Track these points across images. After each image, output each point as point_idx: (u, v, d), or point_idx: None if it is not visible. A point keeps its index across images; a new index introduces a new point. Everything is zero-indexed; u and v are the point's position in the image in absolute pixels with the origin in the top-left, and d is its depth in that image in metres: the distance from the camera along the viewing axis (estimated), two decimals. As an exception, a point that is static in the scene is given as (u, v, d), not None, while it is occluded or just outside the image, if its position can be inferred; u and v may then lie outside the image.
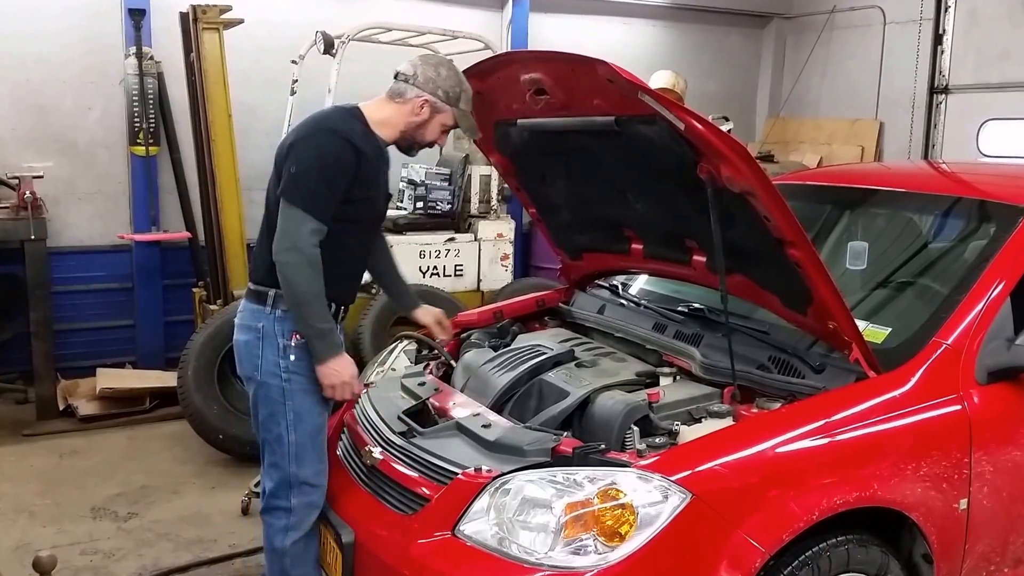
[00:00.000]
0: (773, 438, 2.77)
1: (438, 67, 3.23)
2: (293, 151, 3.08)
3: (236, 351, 3.27)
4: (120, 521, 4.76)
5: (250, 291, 3.26)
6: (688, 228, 3.40)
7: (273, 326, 3.16)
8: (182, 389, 5.42)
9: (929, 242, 3.81)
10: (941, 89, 8.90)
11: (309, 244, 3.01)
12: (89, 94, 7.00)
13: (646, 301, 3.94)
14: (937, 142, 8.94)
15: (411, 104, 3.20)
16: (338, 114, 3.20)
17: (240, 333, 3.25)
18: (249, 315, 3.23)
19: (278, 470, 3.20)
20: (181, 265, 7.25)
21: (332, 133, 3.07)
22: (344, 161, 3.06)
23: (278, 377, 3.16)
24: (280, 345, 3.15)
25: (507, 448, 2.93)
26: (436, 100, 3.20)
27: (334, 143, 3.05)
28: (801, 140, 9.84)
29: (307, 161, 3.03)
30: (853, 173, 5.00)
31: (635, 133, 3.07)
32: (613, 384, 3.28)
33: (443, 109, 3.22)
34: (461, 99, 3.24)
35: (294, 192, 3.02)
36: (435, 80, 3.20)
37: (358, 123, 3.16)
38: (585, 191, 3.73)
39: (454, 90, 3.22)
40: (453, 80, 3.22)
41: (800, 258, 2.87)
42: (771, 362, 3.23)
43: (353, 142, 3.07)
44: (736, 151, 2.73)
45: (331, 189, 3.05)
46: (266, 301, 3.17)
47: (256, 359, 3.18)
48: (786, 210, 2.78)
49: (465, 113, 3.26)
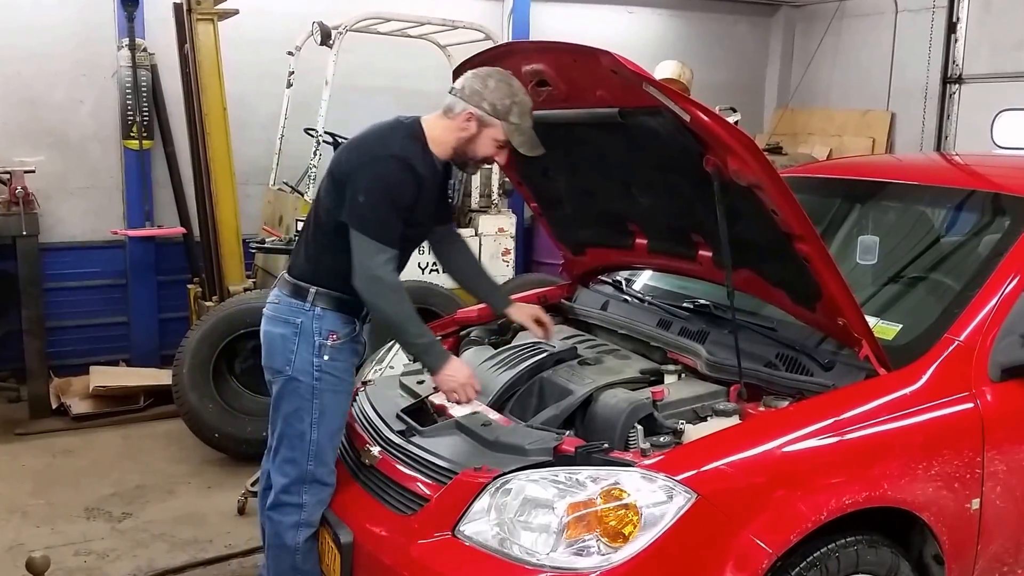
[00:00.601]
0: (781, 437, 2.69)
1: (486, 79, 3.11)
2: (357, 177, 3.05)
3: (267, 343, 3.22)
4: (114, 521, 4.69)
5: (288, 284, 3.22)
6: (694, 222, 3.33)
7: (312, 323, 3.14)
8: (177, 387, 5.34)
9: (942, 236, 3.74)
10: (954, 79, 8.72)
11: (387, 272, 3.04)
12: (81, 87, 6.91)
13: (650, 297, 3.87)
14: (950, 133, 8.76)
15: (458, 119, 3.12)
16: (399, 134, 3.13)
17: (274, 325, 3.20)
18: (286, 309, 3.19)
19: (295, 466, 3.15)
20: (176, 261, 7.17)
21: (395, 160, 3.03)
22: (407, 188, 3.05)
23: (310, 375, 3.13)
24: (316, 344, 3.13)
25: (508, 447, 2.87)
26: (482, 113, 3.09)
27: (397, 171, 3.03)
28: (810, 132, 9.68)
29: (373, 191, 3.01)
30: (863, 166, 4.91)
31: (639, 125, 3.00)
32: (616, 382, 3.22)
33: (491, 123, 3.11)
34: (512, 112, 3.09)
35: (364, 223, 3.02)
36: (481, 92, 3.09)
37: (417, 143, 3.11)
38: (588, 185, 3.66)
39: (503, 102, 3.08)
40: (502, 92, 3.09)
41: (809, 253, 2.80)
42: (779, 359, 3.16)
43: (415, 169, 3.05)
44: (743, 143, 2.66)
45: (398, 214, 3.06)
46: (306, 297, 3.15)
47: (290, 354, 3.14)
48: (794, 203, 2.71)
49: (517, 127, 3.11)
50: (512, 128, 3.12)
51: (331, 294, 3.16)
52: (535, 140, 3.18)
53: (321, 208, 3.19)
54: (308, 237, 3.25)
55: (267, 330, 3.24)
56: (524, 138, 3.15)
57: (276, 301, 3.25)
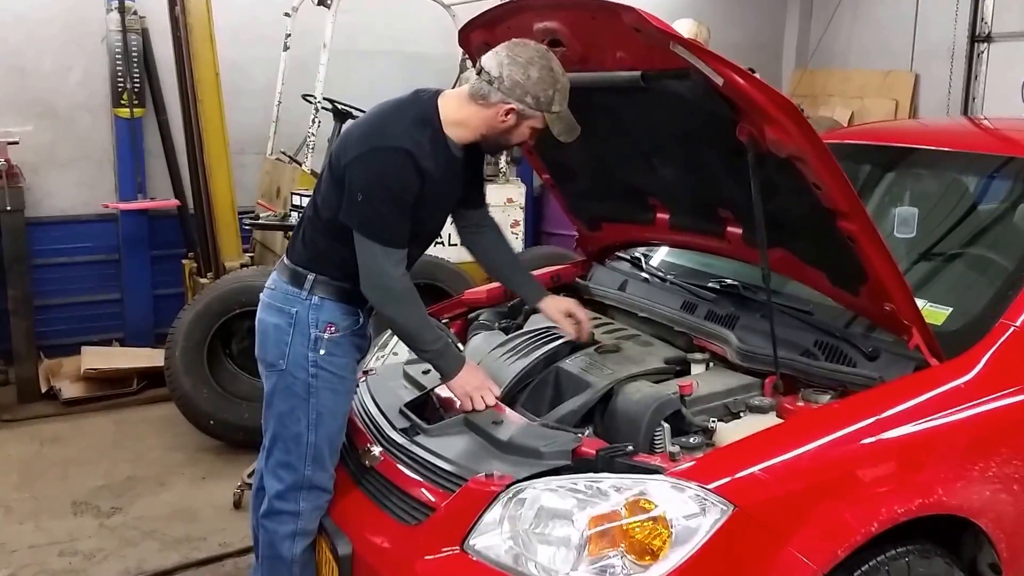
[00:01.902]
0: (826, 439, 2.42)
1: (528, 67, 2.71)
2: (355, 169, 2.73)
3: (260, 333, 2.95)
4: (103, 517, 4.43)
5: (286, 269, 2.94)
6: (722, 196, 3.04)
7: (308, 314, 2.86)
8: (169, 371, 5.07)
9: (983, 208, 3.44)
10: (983, 37, 8.30)
11: (396, 276, 2.78)
12: (69, 53, 6.54)
13: (672, 276, 3.58)
14: (978, 95, 8.37)
15: (495, 110, 2.77)
16: (406, 117, 2.78)
17: (269, 314, 2.92)
18: (282, 296, 2.90)
19: (291, 471, 2.88)
20: (170, 235, 6.85)
21: (393, 153, 2.70)
22: (410, 185, 2.73)
23: (305, 370, 2.85)
24: (312, 336, 2.85)
25: (521, 449, 2.60)
26: (524, 107, 2.74)
27: (397, 165, 2.71)
28: (830, 93, 9.29)
29: (372, 190, 2.71)
30: (895, 131, 4.60)
31: (664, 90, 2.71)
32: (639, 373, 2.94)
33: (532, 115, 2.78)
34: (555, 101, 2.76)
35: (366, 225, 2.74)
36: (523, 85, 2.71)
37: (426, 129, 2.77)
38: (605, 155, 3.36)
39: (546, 94, 2.73)
40: (546, 81, 2.72)
41: (854, 232, 2.51)
42: (817, 347, 2.88)
43: (418, 162, 2.72)
44: (785, 110, 2.36)
45: (403, 212, 2.76)
46: (304, 284, 2.87)
47: (284, 347, 2.86)
48: (841, 178, 2.42)
49: (558, 115, 2.79)
50: (553, 117, 2.79)
51: (331, 282, 2.87)
52: (574, 123, 2.85)
53: (319, 196, 2.89)
54: (307, 222, 2.96)
55: (261, 318, 2.96)
56: (564, 125, 2.83)
57: (273, 287, 2.97)
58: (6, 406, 5.86)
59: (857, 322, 2.89)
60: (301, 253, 2.92)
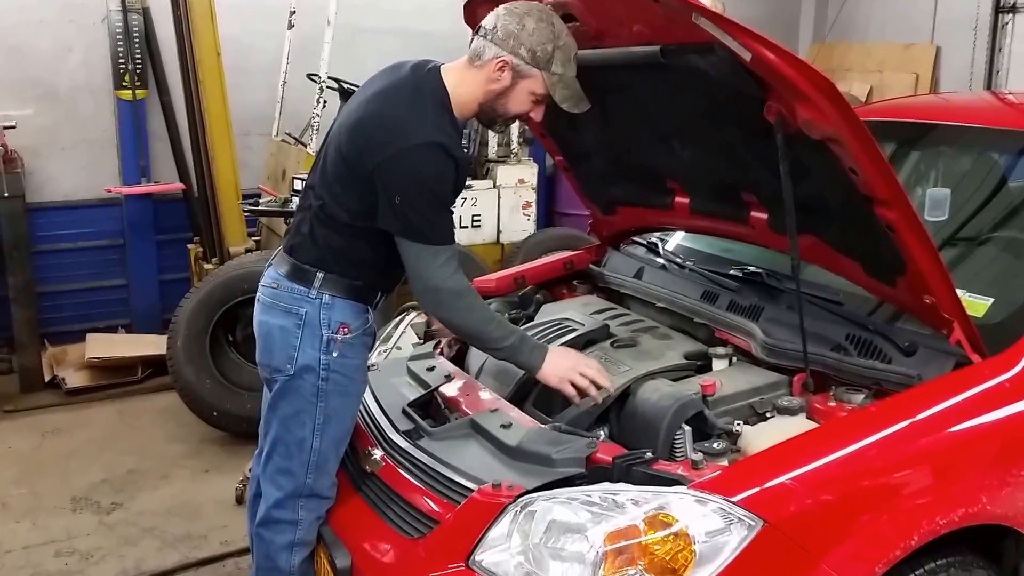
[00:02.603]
0: (862, 444, 2.22)
1: (524, 17, 2.52)
2: (385, 175, 2.50)
3: (263, 336, 2.71)
4: (102, 513, 4.29)
5: (290, 265, 2.69)
6: (745, 179, 2.84)
7: (318, 314, 2.64)
8: (171, 361, 4.91)
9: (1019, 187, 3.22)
10: (1008, 8, 7.97)
11: (447, 276, 2.56)
12: (69, 34, 6.36)
13: (691, 262, 3.38)
14: (1002, 68, 8.06)
15: (489, 67, 2.55)
16: (424, 106, 2.54)
17: (273, 315, 2.68)
18: (288, 296, 2.66)
19: (291, 478, 2.69)
20: (176, 219, 6.67)
21: (428, 150, 2.49)
22: (448, 179, 2.55)
23: (315, 373, 2.64)
24: (324, 338, 2.63)
25: (531, 456, 2.41)
26: (519, 62, 2.53)
27: (434, 163, 2.50)
28: (848, 67, 8.98)
29: (409, 191, 2.49)
30: (919, 107, 4.36)
31: (685, 66, 2.50)
32: (657, 370, 2.75)
33: (529, 73, 2.54)
34: (555, 60, 2.53)
35: (410, 230, 2.53)
36: (517, 35, 2.51)
37: (446, 113, 2.57)
38: (621, 136, 3.15)
39: (543, 48, 2.52)
40: (544, 34, 2.52)
41: (894, 220, 2.30)
42: (849, 341, 2.67)
43: (452, 153, 2.52)
44: (820, 88, 2.14)
45: (446, 207, 2.59)
46: (312, 282, 2.64)
47: (292, 350, 2.63)
48: (881, 162, 2.21)
49: (560, 77, 2.56)
50: (555, 80, 2.56)
51: (342, 280, 2.65)
52: (580, 93, 2.62)
53: (327, 193, 2.65)
54: (313, 218, 2.69)
55: (263, 320, 2.72)
56: (568, 91, 2.59)
57: (274, 285, 2.72)
58: (8, 396, 5.72)
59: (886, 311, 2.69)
60: (310, 251, 2.68)
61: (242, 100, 6.46)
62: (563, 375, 2.61)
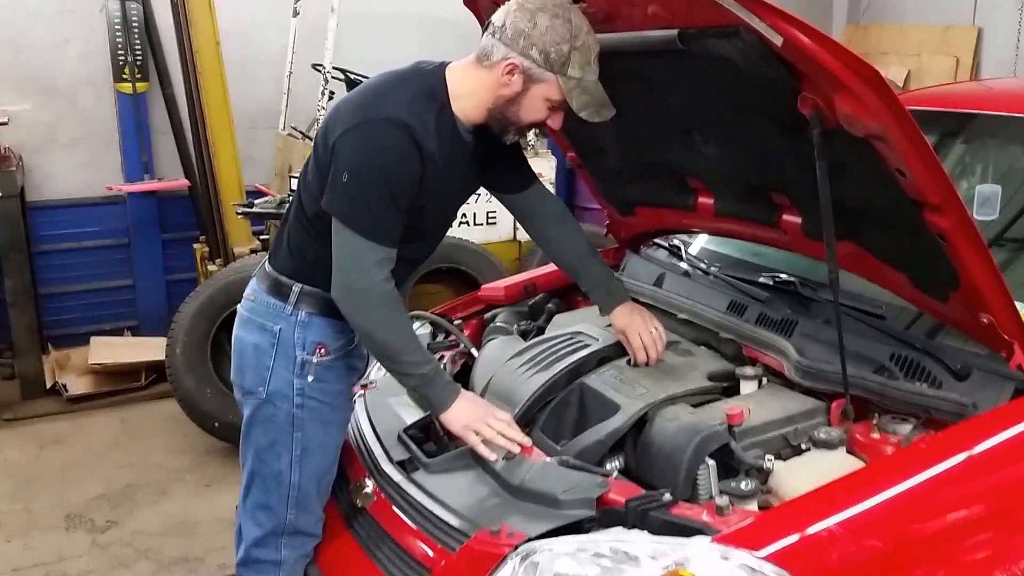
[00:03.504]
0: (914, 488, 1.93)
1: (536, 14, 2.22)
2: (343, 146, 2.22)
3: (238, 353, 2.48)
4: (96, 532, 4.09)
5: (267, 277, 2.46)
6: (777, 179, 2.55)
7: (293, 332, 2.39)
8: (171, 370, 4.69)
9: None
10: (1058, -14, 7.63)
11: (378, 280, 2.25)
12: (67, 25, 6.14)
13: (717, 267, 3.09)
14: (1048, 52, 7.72)
15: (498, 69, 2.27)
16: (408, 90, 2.28)
17: (248, 331, 2.45)
18: (264, 310, 2.43)
19: (269, 515, 2.46)
20: (182, 217, 6.47)
21: (391, 126, 2.20)
22: (407, 166, 2.23)
23: (288, 399, 2.39)
24: (298, 359, 2.39)
25: (536, 495, 2.15)
26: (530, 64, 2.24)
27: (392, 141, 2.20)
28: (884, 51, 8.56)
29: (361, 169, 2.20)
30: (964, 94, 4.04)
31: (707, 52, 2.20)
32: (679, 395, 2.46)
33: (543, 78, 2.26)
34: (572, 62, 2.24)
35: (348, 212, 2.23)
36: (528, 34, 2.22)
37: (432, 104, 2.28)
38: (639, 130, 2.85)
39: (558, 49, 2.22)
40: (559, 33, 2.22)
41: (947, 228, 2.00)
42: (894, 362, 2.38)
43: (417, 140, 2.22)
44: (864, 77, 1.84)
45: (397, 202, 2.25)
46: (288, 297, 2.39)
47: (264, 371, 2.39)
48: (933, 163, 1.91)
49: (579, 83, 2.27)
50: (572, 85, 2.27)
51: (320, 294, 2.38)
52: (603, 99, 2.33)
53: (304, 188, 2.41)
54: (291, 221, 2.47)
55: (239, 336, 2.49)
56: (588, 98, 2.30)
57: (252, 297, 2.50)
58: (8, 404, 5.54)
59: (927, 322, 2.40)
60: (286, 260, 2.44)
61: (248, 92, 6.28)
62: (468, 423, 2.32)
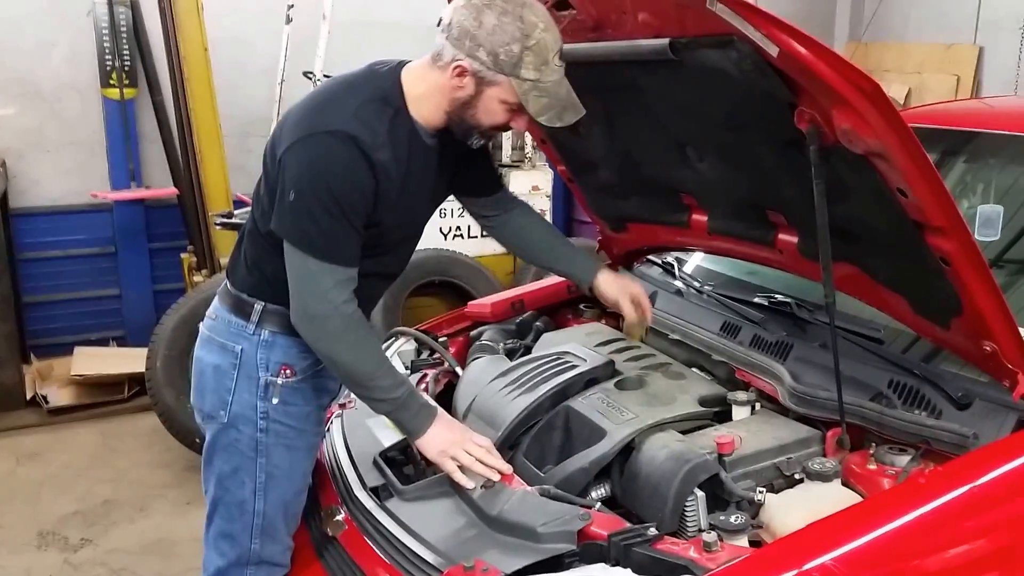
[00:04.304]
0: (912, 522, 1.82)
1: (482, 11, 2.06)
2: (287, 162, 2.07)
3: (197, 374, 2.35)
4: (69, 551, 3.97)
5: (228, 295, 2.33)
6: (772, 196, 2.45)
7: (255, 352, 2.26)
8: (151, 383, 4.59)
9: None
10: (1060, 5, 7.55)
11: (337, 302, 2.12)
12: (53, 28, 6.05)
13: (710, 287, 2.99)
14: (1049, 70, 7.64)
15: (448, 71, 2.12)
16: (358, 96, 2.14)
17: (208, 351, 2.32)
18: (225, 329, 2.30)
19: (233, 544, 2.35)
20: (170, 225, 6.35)
21: (337, 140, 2.06)
22: (356, 181, 2.09)
23: (252, 424, 2.27)
24: (261, 381, 2.26)
25: (514, 527, 2.03)
26: (479, 67, 2.09)
27: (339, 156, 2.06)
28: (886, 69, 8.52)
29: (307, 187, 2.06)
30: (965, 113, 3.95)
31: (700, 63, 2.10)
32: (668, 420, 2.35)
33: (494, 80, 2.10)
34: (524, 63, 2.07)
35: (299, 235, 2.10)
36: (474, 34, 2.06)
37: (385, 109, 2.14)
38: (630, 143, 2.76)
39: (507, 49, 2.05)
40: (507, 33, 2.05)
41: (950, 252, 1.90)
42: (892, 389, 2.27)
43: (367, 152, 2.08)
44: (864, 91, 1.74)
45: (350, 219, 2.10)
46: (250, 316, 2.26)
47: (226, 393, 2.27)
48: (936, 183, 1.81)
49: (535, 84, 2.09)
50: (527, 87, 2.10)
51: (284, 312, 2.23)
52: (567, 101, 2.16)
53: (256, 203, 2.30)
54: (247, 237, 2.35)
55: (199, 356, 2.36)
56: (547, 100, 2.13)
57: (213, 316, 2.37)
58: (-11, 415, 5.42)
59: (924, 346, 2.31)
60: (244, 277, 2.32)
61: (240, 100, 6.18)
62: (445, 448, 2.20)
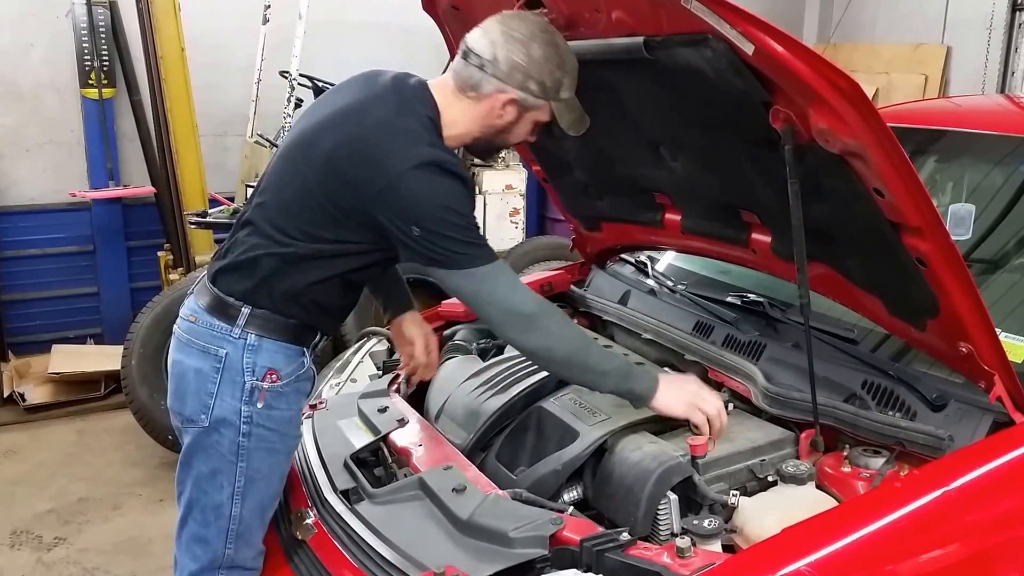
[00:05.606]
0: (887, 527, 1.80)
1: (530, 45, 2.15)
2: (389, 205, 2.10)
3: (176, 377, 2.27)
4: (42, 550, 3.93)
5: (211, 296, 2.25)
6: (746, 196, 2.44)
7: (241, 357, 2.20)
8: (126, 381, 4.55)
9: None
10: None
11: (523, 296, 2.20)
12: (31, 28, 6.00)
13: (684, 285, 2.97)
14: (1017, 69, 7.62)
15: (490, 102, 2.20)
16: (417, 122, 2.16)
17: (188, 355, 2.25)
18: (207, 333, 2.22)
19: (206, 548, 2.29)
20: (148, 224, 6.31)
21: (430, 170, 2.10)
22: (458, 191, 2.14)
23: (234, 428, 2.21)
24: (247, 386, 2.20)
25: (485, 532, 1.99)
26: (526, 96, 2.18)
27: (439, 182, 2.11)
28: (854, 69, 8.48)
29: (427, 218, 2.10)
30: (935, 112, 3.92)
31: (674, 61, 2.09)
32: (640, 422, 2.32)
33: (536, 105, 2.21)
34: (564, 85, 2.20)
35: (446, 257, 2.12)
36: (526, 68, 2.15)
37: (436, 128, 2.20)
38: (604, 143, 2.73)
39: (554, 77, 2.17)
40: (553, 62, 2.16)
41: (926, 252, 1.89)
42: (866, 390, 2.26)
43: (453, 171, 2.14)
44: (841, 90, 1.73)
45: (470, 220, 2.18)
46: (236, 319, 2.21)
47: (208, 398, 2.20)
48: (914, 183, 1.80)
49: (567, 103, 2.23)
50: (561, 106, 2.23)
51: (273, 317, 2.21)
52: (582, 111, 2.28)
53: (285, 213, 2.21)
54: (261, 243, 2.23)
55: (178, 360, 2.28)
56: (574, 114, 2.26)
57: (191, 318, 2.29)
58: (-35, 414, 5.37)
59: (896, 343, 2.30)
60: (238, 280, 2.24)
61: (219, 99, 6.14)
62: (691, 400, 2.18)
